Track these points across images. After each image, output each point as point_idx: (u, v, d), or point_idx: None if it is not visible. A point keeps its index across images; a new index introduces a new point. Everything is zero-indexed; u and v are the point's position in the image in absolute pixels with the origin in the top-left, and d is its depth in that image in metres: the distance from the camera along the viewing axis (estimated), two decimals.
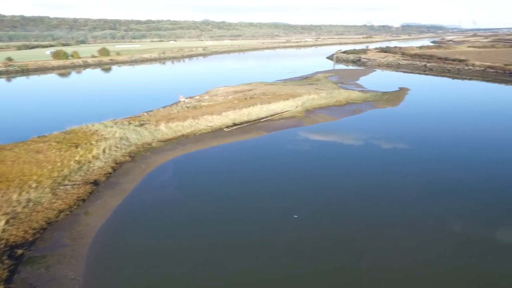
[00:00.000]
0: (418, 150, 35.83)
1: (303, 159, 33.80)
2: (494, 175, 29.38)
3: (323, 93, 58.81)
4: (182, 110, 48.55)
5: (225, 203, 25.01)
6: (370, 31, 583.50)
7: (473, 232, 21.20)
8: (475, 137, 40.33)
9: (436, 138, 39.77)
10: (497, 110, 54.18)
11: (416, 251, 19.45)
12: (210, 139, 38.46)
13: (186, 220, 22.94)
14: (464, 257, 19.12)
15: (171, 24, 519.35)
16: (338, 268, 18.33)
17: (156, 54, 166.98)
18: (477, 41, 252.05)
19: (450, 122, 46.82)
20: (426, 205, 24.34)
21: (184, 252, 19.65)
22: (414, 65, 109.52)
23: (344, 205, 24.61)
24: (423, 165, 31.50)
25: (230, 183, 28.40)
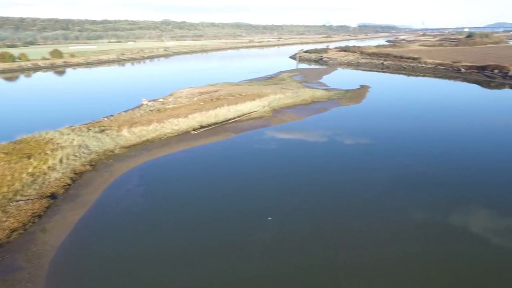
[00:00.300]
0: (382, 145, 37.17)
1: (273, 159, 33.71)
2: (454, 167, 31.13)
3: (289, 92, 59.37)
4: (146, 113, 46.54)
5: (196, 208, 24.14)
6: (329, 31, 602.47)
7: (439, 222, 22.23)
8: (433, 131, 42.62)
9: (398, 133, 41.62)
10: (450, 105, 57.96)
11: (388, 245, 19.98)
12: (176, 143, 37.15)
13: (155, 231, 21.77)
14: (431, 247, 19.94)
15: (129, 24, 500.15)
16: (315, 265, 18.29)
17: (114, 56, 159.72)
18: (426, 40, 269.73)
19: (409, 118, 49.28)
20: (393, 199, 25.19)
21: (154, 265, 18.58)
22: (372, 63, 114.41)
23: (316, 203, 24.76)
24: (388, 160, 32.70)
25: (199, 187, 27.50)
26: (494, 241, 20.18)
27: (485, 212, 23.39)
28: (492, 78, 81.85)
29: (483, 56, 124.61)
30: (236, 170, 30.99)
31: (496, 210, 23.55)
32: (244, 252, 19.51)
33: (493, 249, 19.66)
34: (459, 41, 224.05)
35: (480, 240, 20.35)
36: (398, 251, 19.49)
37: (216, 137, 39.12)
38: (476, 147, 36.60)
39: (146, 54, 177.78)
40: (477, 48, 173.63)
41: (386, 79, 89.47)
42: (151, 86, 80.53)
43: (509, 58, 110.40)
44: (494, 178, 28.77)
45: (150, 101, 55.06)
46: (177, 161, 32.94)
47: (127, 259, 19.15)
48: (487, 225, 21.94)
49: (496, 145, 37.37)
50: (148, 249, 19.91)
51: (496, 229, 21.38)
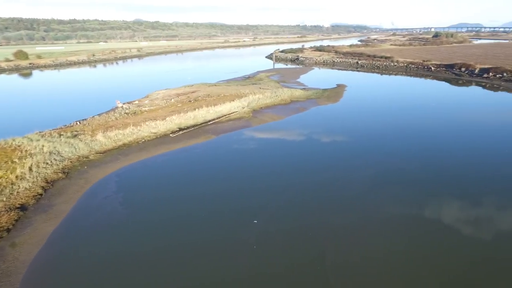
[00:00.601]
0: (361, 143, 37.71)
1: (255, 160, 33.31)
2: (430, 163, 31.97)
3: (267, 92, 59.20)
4: (121, 116, 44.75)
5: (178, 213, 23.33)
6: (303, 31, 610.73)
7: (419, 217, 22.69)
8: (408, 129, 43.73)
9: (376, 131, 42.36)
10: (423, 102, 59.92)
11: (373, 242, 20.11)
12: (155, 146, 35.92)
13: (135, 240, 20.76)
14: (413, 241, 20.28)
15: (100, 24, 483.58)
16: (303, 264, 18.07)
17: (84, 57, 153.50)
18: (397, 39, 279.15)
19: (385, 116, 50.42)
20: (374, 196, 25.49)
21: (135, 278, 17.66)
22: (347, 63, 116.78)
23: (300, 202, 24.59)
24: (368, 157, 33.15)
25: (181, 191, 26.63)
26: (471, 232, 20.85)
27: (460, 204, 24.16)
28: (460, 76, 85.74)
29: (449, 54, 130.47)
30: (218, 172, 30.28)
31: (471, 203, 24.39)
32: (229, 256, 18.98)
33: (470, 240, 20.27)
34: (427, 41, 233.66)
35: (455, 231, 20.95)
36: (383, 247, 19.67)
37: (196, 140, 38.21)
38: (450, 143, 37.92)
39: (119, 54, 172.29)
40: (444, 47, 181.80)
41: (361, 78, 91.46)
42: (125, 88, 78.06)
43: (473, 57, 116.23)
44: (468, 172, 29.88)
45: (125, 104, 53.11)
46: (157, 166, 31.79)
47: (106, 273, 18.10)
48: (461, 216, 22.68)
49: (468, 140, 38.96)
50: (129, 261, 18.94)
51: (470, 220, 22.14)
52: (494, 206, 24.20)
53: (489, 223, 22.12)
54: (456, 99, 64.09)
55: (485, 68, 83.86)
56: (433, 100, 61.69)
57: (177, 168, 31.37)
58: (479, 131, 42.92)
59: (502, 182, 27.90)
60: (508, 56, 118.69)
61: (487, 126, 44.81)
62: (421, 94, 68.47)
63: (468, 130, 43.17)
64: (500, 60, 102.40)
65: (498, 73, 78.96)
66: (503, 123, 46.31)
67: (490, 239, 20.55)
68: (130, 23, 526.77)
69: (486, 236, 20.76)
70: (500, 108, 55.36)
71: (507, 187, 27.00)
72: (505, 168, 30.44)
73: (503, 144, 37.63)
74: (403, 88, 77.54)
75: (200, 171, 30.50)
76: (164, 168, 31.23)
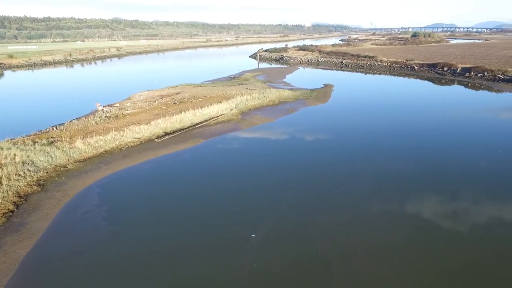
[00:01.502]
0: (355, 143, 36.72)
1: (247, 165, 31.66)
2: (423, 161, 31.30)
3: (255, 93, 57.58)
4: (102, 121, 41.96)
5: (169, 230, 21.34)
6: (285, 30, 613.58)
7: (414, 214, 21.75)
8: (399, 127, 43.24)
9: (367, 130, 41.53)
10: (410, 101, 60.00)
11: (381, 254, 18.90)
12: (139, 153, 33.60)
13: (121, 262, 18.68)
14: (412, 237, 19.26)
15: (76, 23, 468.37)
16: (303, 261, 16.63)
17: (61, 56, 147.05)
18: (377, 39, 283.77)
19: (374, 115, 49.80)
20: (381, 203, 24.39)
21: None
22: (332, 62, 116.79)
23: (299, 209, 23.15)
24: (364, 157, 32.13)
25: (170, 203, 24.61)
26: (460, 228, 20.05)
27: (443, 199, 23.51)
28: (443, 75, 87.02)
29: (429, 54, 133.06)
30: (209, 180, 28.39)
31: (453, 197, 23.89)
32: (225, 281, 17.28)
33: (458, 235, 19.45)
34: (407, 40, 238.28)
35: (440, 226, 20.12)
36: (391, 263, 18.50)
37: (183, 145, 36.12)
38: (443, 141, 37.53)
39: (97, 54, 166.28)
40: (423, 46, 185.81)
41: (347, 77, 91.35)
42: (105, 89, 74.43)
43: (452, 56, 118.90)
44: (456, 168, 29.57)
45: (106, 106, 50.16)
46: (142, 174, 29.56)
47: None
48: (445, 210, 22.11)
49: (457, 138, 38.89)
50: (115, 285, 16.89)
51: (452, 213, 21.50)
52: (472, 200, 24.32)
53: (480, 217, 21.63)
54: (442, 98, 64.53)
55: (466, 67, 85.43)
56: (420, 99, 61.90)
57: (165, 176, 29.24)
58: (468, 129, 43.11)
59: (489, 178, 27.67)
60: (484, 55, 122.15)
61: (474, 124, 45.11)
62: (407, 93, 68.80)
63: (457, 129, 43.25)
64: (478, 59, 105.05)
65: (479, 72, 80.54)
66: (491, 121, 46.66)
67: (481, 233, 20.07)
68: (108, 21, 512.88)
69: (478, 230, 20.02)
70: (485, 106, 55.96)
71: (493, 183, 26.68)
72: (492, 165, 30.27)
73: (491, 141, 37.94)
74: (389, 87, 77.68)
75: (190, 180, 28.51)
76: (151, 177, 29.04)
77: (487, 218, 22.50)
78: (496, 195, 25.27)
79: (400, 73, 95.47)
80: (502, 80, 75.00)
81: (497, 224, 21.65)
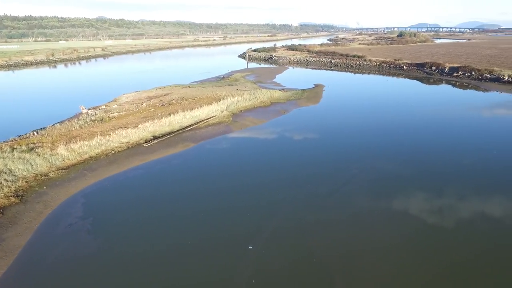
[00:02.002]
0: (351, 144, 35.98)
1: (240, 169, 30.43)
2: (423, 162, 30.76)
3: (246, 94, 56.35)
4: (86, 124, 39.97)
5: (161, 246, 19.94)
6: (273, 30, 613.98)
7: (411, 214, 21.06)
8: (394, 127, 42.81)
9: (362, 131, 40.92)
10: (401, 101, 59.91)
11: (381, 253, 18.04)
12: (127, 158, 31.96)
13: (108, 281, 17.23)
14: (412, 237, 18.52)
15: (59, 22, 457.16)
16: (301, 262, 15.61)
17: (43, 56, 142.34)
18: (364, 39, 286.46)
19: (368, 115, 49.37)
20: (375, 203, 23.59)
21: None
22: (321, 62, 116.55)
23: (298, 217, 22.11)
24: (361, 159, 31.38)
25: (160, 213, 23.18)
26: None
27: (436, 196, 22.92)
28: (431, 75, 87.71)
29: (416, 53, 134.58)
30: (201, 186, 27.05)
31: (439, 194, 23.36)
32: None
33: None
34: (393, 40, 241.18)
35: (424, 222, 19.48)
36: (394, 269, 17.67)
37: (173, 149, 34.62)
38: (436, 140, 37.23)
39: (81, 54, 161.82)
40: (410, 46, 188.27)
41: (337, 77, 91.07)
42: (90, 91, 71.68)
43: (438, 56, 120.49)
44: (451, 165, 29.08)
45: (90, 109, 48.07)
46: (130, 182, 27.99)
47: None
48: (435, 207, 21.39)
49: (451, 137, 38.60)
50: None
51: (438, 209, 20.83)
52: (461, 196, 23.95)
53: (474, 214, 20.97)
54: (433, 97, 64.61)
55: (454, 67, 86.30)
56: (410, 99, 61.92)
57: (154, 183, 27.75)
58: (459, 128, 43.26)
59: (479, 175, 27.27)
60: (469, 54, 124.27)
61: (466, 123, 45.22)
62: (398, 93, 68.89)
63: (450, 128, 43.29)
64: (463, 59, 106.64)
65: (467, 71, 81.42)
66: (483, 119, 46.80)
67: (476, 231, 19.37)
68: (93, 20, 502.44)
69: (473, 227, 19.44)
70: (474, 105, 56.23)
71: (487, 180, 26.30)
72: (483, 163, 29.98)
73: (483, 140, 38.34)
74: (380, 87, 77.61)
75: (180, 188, 27.10)
76: (139, 185, 27.50)
77: (484, 214, 22.16)
78: (490, 191, 24.88)
79: (389, 73, 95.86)
80: (489, 79, 75.94)
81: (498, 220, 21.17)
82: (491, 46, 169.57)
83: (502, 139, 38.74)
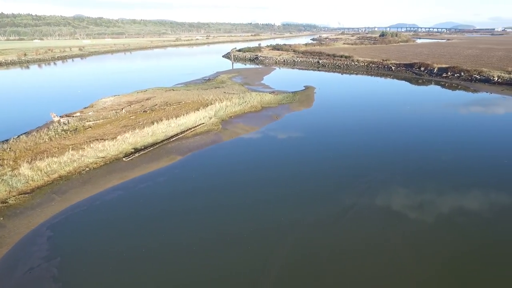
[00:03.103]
0: (350, 153, 33.11)
1: (235, 186, 26.95)
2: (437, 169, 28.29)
3: (234, 98, 52.75)
4: (58, 136, 35.35)
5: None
6: (256, 29, 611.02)
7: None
8: (390, 131, 40.36)
9: (359, 135, 38.24)
10: (393, 102, 57.90)
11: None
12: (104, 176, 27.83)
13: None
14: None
15: (34, 20, 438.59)
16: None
17: (14, 56, 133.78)
18: (347, 38, 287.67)
19: (363, 118, 46.91)
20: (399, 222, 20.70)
21: None
22: (308, 62, 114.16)
23: (309, 248, 18.92)
24: (364, 171, 28.54)
25: (144, 249, 19.42)
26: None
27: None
28: (420, 75, 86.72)
29: (401, 53, 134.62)
30: (192, 209, 23.43)
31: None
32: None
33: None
34: (376, 40, 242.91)
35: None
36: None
37: (157, 163, 30.71)
38: (442, 141, 34.97)
39: (57, 54, 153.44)
40: (393, 46, 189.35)
41: (326, 78, 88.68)
42: (64, 95, 65.93)
43: (423, 56, 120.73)
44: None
45: (63, 117, 43.27)
46: (107, 207, 23.95)
47: None
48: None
49: (450, 137, 36.74)
50: None
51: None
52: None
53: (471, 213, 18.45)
54: (426, 99, 62.85)
55: (443, 67, 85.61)
56: (404, 100, 60.05)
57: (136, 208, 23.82)
58: (460, 128, 41.57)
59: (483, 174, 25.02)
60: (452, 55, 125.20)
61: (467, 124, 43.52)
62: (390, 95, 67.01)
63: (454, 129, 41.85)
64: (447, 59, 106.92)
65: (456, 72, 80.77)
66: (481, 120, 45.21)
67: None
68: (69, 19, 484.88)
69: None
70: (468, 106, 54.85)
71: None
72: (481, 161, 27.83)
73: (482, 139, 37.47)
74: (370, 88, 75.63)
75: (168, 214, 23.29)
76: (118, 211, 23.50)
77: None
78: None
79: (377, 73, 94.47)
80: (478, 80, 75.41)
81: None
82: (471, 46, 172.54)
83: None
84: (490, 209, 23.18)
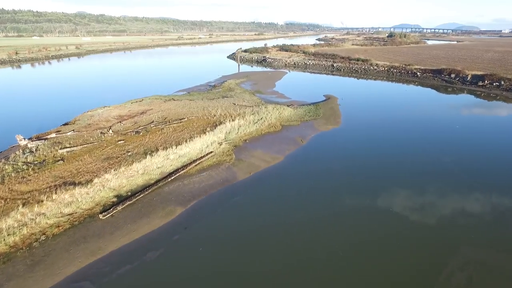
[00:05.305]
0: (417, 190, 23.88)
1: (260, 255, 17.79)
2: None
3: (248, 114, 43.41)
4: (14, 175, 26.02)
5: None
6: (259, 28, 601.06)
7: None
8: (456, 161, 31.06)
9: (414, 164, 28.89)
10: (438, 118, 48.45)
11: None
12: (66, 252, 18.59)
13: None
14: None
15: (34, 16, 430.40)
16: None
17: (4, 55, 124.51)
18: (354, 39, 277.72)
19: (410, 140, 37.50)
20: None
21: None
22: (321, 65, 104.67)
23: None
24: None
25: None
26: None
27: None
28: (451, 83, 77.12)
29: (416, 56, 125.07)
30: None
31: None
32: None
33: None
34: (385, 41, 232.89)
35: None
36: None
37: (148, 222, 21.49)
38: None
39: (51, 53, 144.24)
40: (404, 48, 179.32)
41: (344, 85, 79.16)
42: (43, 106, 54.97)
43: (440, 59, 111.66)
44: None
45: (33, 139, 34.04)
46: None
47: None
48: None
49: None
50: None
51: None
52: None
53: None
54: (474, 116, 53.37)
55: (477, 75, 75.98)
56: (450, 118, 50.32)
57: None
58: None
59: None
60: (473, 58, 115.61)
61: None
62: (424, 106, 57.25)
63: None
64: (469, 63, 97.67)
65: (495, 81, 71.16)
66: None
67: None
68: (71, 15, 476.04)
69: None
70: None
71: None
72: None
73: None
74: (400, 98, 65.83)
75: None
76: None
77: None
78: None
79: (400, 79, 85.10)
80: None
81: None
82: (488, 49, 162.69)
83: None
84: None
